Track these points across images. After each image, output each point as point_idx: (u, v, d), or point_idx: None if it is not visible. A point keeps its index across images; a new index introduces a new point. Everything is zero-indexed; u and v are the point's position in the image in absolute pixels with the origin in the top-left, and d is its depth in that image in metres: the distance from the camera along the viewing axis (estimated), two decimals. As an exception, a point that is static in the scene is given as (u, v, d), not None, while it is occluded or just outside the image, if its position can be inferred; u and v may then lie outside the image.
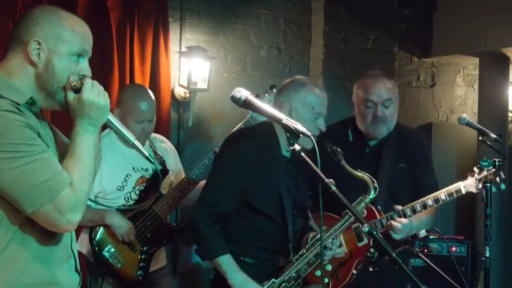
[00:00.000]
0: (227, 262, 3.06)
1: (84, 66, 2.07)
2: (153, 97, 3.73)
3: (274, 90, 3.82)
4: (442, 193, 3.38)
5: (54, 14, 2.04)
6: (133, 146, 2.12)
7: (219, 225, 3.11)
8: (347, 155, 3.21)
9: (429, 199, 3.39)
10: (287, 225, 3.13)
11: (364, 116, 3.53)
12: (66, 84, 2.02)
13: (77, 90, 2.02)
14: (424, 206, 3.39)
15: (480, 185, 3.30)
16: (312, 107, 3.15)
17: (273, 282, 3.07)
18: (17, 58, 2.02)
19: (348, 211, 2.68)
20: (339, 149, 3.10)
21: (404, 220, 3.35)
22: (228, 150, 3.19)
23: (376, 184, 3.10)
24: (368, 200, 3.10)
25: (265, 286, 3.07)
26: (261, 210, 3.10)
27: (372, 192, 3.09)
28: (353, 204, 3.07)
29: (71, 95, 2.02)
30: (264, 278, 3.10)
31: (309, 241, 3.19)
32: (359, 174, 3.12)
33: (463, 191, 3.37)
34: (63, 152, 2.04)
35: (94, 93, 2.02)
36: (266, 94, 3.87)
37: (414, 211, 3.39)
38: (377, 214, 3.42)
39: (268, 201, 3.11)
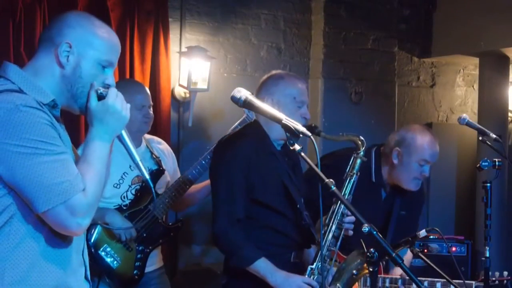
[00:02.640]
0: (264, 266, 3.00)
1: (109, 76, 2.09)
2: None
3: None
4: (439, 282, 3.38)
5: (88, 20, 2.10)
6: (137, 166, 2.21)
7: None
8: (365, 195, 3.24)
9: (426, 281, 3.39)
10: (301, 213, 3.11)
11: (413, 171, 3.46)
12: (91, 89, 2.04)
13: (101, 97, 2.04)
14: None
15: None
16: (294, 97, 3.11)
17: (312, 269, 3.02)
18: (46, 58, 2.04)
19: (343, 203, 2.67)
20: (313, 124, 3.08)
21: None
22: (223, 155, 3.14)
23: (361, 137, 3.12)
24: (361, 154, 3.12)
25: (307, 275, 3.02)
26: (269, 204, 3.07)
27: (361, 146, 3.11)
28: (350, 164, 3.11)
29: (94, 100, 2.04)
30: None
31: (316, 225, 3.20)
32: (343, 137, 3.15)
33: None
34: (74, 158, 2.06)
35: (119, 102, 2.05)
36: None
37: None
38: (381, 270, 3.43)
39: (275, 194, 3.09)
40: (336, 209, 3.07)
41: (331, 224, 3.08)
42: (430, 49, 5.78)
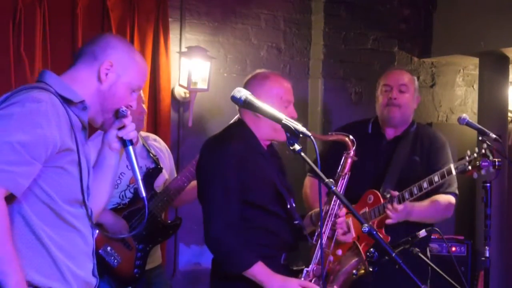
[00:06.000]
0: (261, 270, 2.95)
1: (134, 99, 2.33)
2: None
3: None
4: (435, 175, 3.51)
5: (129, 46, 2.36)
6: (137, 182, 2.32)
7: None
8: (365, 145, 3.40)
9: (424, 182, 3.51)
10: (292, 215, 3.09)
11: (381, 99, 3.78)
12: (118, 134, 2.31)
13: (123, 116, 2.29)
14: (420, 188, 3.51)
15: (470, 167, 3.47)
16: (280, 97, 3.08)
17: (307, 271, 3.01)
18: (86, 70, 2.25)
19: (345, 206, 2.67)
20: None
21: (399, 207, 3.48)
22: (213, 155, 3.05)
23: (351, 137, 3.17)
24: (351, 154, 3.16)
25: (302, 277, 3.00)
26: (262, 205, 3.03)
27: (352, 146, 3.16)
28: (341, 164, 3.15)
29: (117, 145, 2.34)
30: None
31: (313, 218, 3.22)
32: (332, 136, 3.23)
33: (454, 172, 3.51)
34: None
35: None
36: None
37: (411, 194, 3.52)
38: (381, 199, 3.55)
39: (267, 195, 3.05)
40: (329, 210, 3.07)
41: (324, 226, 3.08)
42: (430, 49, 5.78)
